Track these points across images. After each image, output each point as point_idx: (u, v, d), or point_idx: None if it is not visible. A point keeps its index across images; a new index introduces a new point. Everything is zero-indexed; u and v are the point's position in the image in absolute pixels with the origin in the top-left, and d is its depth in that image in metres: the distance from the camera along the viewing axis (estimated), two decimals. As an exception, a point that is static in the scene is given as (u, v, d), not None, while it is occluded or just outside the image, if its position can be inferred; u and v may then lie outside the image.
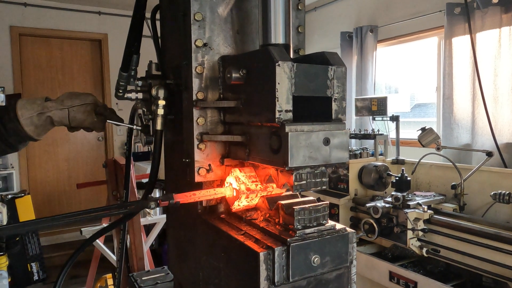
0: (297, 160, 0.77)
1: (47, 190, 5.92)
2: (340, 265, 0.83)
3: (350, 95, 5.13)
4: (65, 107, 1.11)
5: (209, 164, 0.99)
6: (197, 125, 0.97)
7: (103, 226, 3.03)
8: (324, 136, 0.80)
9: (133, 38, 1.29)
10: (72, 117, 1.12)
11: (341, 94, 0.84)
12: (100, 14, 6.06)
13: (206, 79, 0.98)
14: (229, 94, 0.97)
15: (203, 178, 0.98)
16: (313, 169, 0.81)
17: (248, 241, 0.81)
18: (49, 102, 1.12)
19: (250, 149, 0.90)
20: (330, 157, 0.81)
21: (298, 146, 0.77)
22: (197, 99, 0.97)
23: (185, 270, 1.19)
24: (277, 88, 0.76)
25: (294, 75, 0.78)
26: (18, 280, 4.34)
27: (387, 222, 2.53)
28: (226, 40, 1.00)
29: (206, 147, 0.98)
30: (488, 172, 2.66)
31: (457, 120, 3.93)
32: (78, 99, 1.13)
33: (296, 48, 1.10)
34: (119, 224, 1.71)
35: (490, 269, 2.16)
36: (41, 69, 5.88)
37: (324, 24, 5.87)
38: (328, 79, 0.83)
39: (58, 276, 1.18)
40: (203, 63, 0.98)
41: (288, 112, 0.78)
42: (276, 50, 0.78)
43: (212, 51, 0.99)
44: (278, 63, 0.76)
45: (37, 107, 1.10)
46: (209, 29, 0.98)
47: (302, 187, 0.80)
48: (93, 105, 1.15)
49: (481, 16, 3.66)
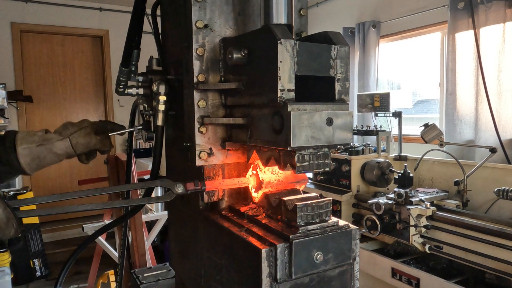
0: (299, 140, 0.75)
1: (49, 187, 5.93)
2: (343, 262, 0.83)
3: (352, 91, 5.11)
4: (65, 137, 1.10)
5: (210, 147, 0.97)
6: (198, 108, 0.95)
7: (105, 223, 3.03)
8: (327, 116, 0.79)
9: (133, 33, 1.28)
10: (75, 144, 1.11)
11: (344, 74, 0.83)
12: (101, 10, 6.04)
13: (207, 61, 0.96)
14: (231, 76, 0.95)
15: (205, 162, 0.97)
16: (316, 150, 0.80)
17: (250, 238, 0.81)
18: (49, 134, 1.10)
19: (251, 131, 0.88)
20: (333, 138, 0.80)
21: (300, 125, 0.75)
22: (198, 82, 0.95)
23: (187, 267, 1.18)
24: (279, 66, 0.75)
25: (297, 53, 0.76)
26: (20, 276, 4.36)
27: (390, 219, 2.52)
28: (227, 21, 0.99)
29: (207, 131, 0.97)
30: (492, 168, 2.64)
31: (460, 116, 3.91)
32: (74, 126, 1.13)
33: (299, 31, 1.08)
34: (122, 221, 1.71)
35: (493, 265, 2.15)
36: (43, 66, 5.88)
37: (326, 20, 5.84)
38: (331, 59, 0.81)
39: (60, 272, 1.18)
40: (204, 45, 0.96)
41: (291, 91, 0.76)
42: (278, 28, 0.77)
43: (213, 33, 0.97)
44: (281, 40, 0.74)
45: (37, 139, 1.08)
46: (210, 10, 0.96)
47: (304, 168, 0.79)
48: (90, 126, 1.15)
49: (485, 11, 3.62)
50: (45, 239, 4.87)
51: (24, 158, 1.05)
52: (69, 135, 1.10)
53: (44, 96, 5.91)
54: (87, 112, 6.26)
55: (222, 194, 1.02)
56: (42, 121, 5.91)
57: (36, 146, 1.06)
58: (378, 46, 4.95)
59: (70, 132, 1.11)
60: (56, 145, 1.08)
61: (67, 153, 1.11)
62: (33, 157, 1.06)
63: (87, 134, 1.12)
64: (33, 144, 1.06)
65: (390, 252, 2.78)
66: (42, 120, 5.92)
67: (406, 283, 2.44)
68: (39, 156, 1.07)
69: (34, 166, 1.08)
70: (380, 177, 2.93)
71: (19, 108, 5.62)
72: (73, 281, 4.27)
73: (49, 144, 1.08)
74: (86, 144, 1.13)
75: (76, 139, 1.11)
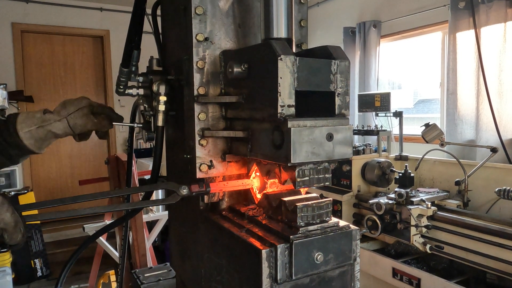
0: (299, 156, 0.75)
1: (50, 187, 5.94)
2: (344, 263, 0.82)
3: (353, 91, 5.10)
4: (62, 117, 1.11)
5: (211, 160, 0.98)
6: (198, 120, 0.96)
7: (105, 223, 3.03)
8: (327, 131, 0.79)
9: (133, 33, 1.28)
10: (73, 125, 1.12)
11: (344, 88, 0.83)
12: (102, 10, 6.05)
13: (207, 74, 0.97)
14: (231, 89, 0.95)
15: (205, 174, 0.97)
16: (316, 165, 0.80)
17: (251, 238, 0.80)
18: (47, 115, 1.11)
19: (252, 145, 0.88)
20: (334, 153, 0.80)
21: (300, 141, 0.75)
22: (199, 94, 0.95)
23: (187, 267, 1.18)
24: (279, 82, 0.75)
25: (297, 69, 0.77)
26: (22, 276, 4.37)
27: (390, 219, 2.51)
28: (227, 34, 0.99)
29: (207, 143, 0.97)
30: (493, 168, 2.64)
31: (461, 115, 3.90)
32: (72, 106, 1.13)
33: (299, 43, 1.08)
34: (123, 222, 1.71)
35: (494, 265, 2.15)
36: (43, 66, 5.88)
37: (327, 20, 5.84)
38: (331, 74, 0.81)
39: (61, 272, 1.18)
40: (204, 58, 0.96)
41: (291, 107, 0.76)
42: (278, 44, 0.77)
43: (214, 46, 0.97)
44: (281, 57, 0.74)
45: (36, 121, 1.09)
46: (210, 23, 0.96)
47: (305, 183, 0.79)
48: (88, 107, 1.15)
49: (486, 11, 3.61)
50: (46, 239, 4.88)
51: (28, 140, 1.08)
52: (66, 116, 1.11)
53: (45, 96, 5.92)
54: (88, 112, 6.26)
55: (223, 195, 1.02)
56: (43, 121, 5.92)
57: (36, 128, 1.09)
58: (379, 46, 4.94)
59: (68, 112, 1.11)
60: (55, 125, 1.10)
61: (66, 133, 1.13)
62: (36, 138, 1.09)
63: (84, 115, 1.13)
64: (33, 127, 1.08)
65: (391, 252, 2.78)
66: (43, 120, 5.92)
67: (407, 283, 2.44)
68: (40, 137, 1.10)
69: (40, 145, 1.11)
70: (381, 177, 2.93)
71: (20, 108, 5.63)
72: (74, 281, 4.27)
73: (48, 126, 1.10)
74: (84, 125, 1.13)
75: (73, 120, 1.12)
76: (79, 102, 1.15)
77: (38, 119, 1.09)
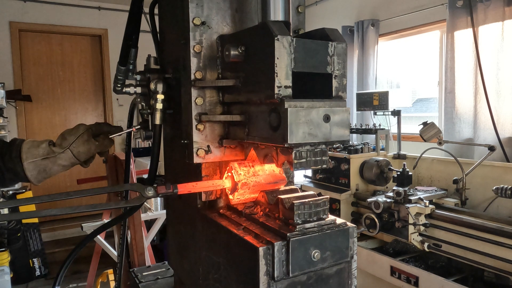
0: (296, 136, 0.75)
1: (48, 186, 5.92)
2: (341, 260, 0.82)
3: (351, 89, 5.11)
4: (65, 149, 1.11)
5: (208, 145, 0.97)
6: (195, 105, 0.95)
7: (104, 222, 3.03)
8: (324, 112, 0.78)
9: (131, 31, 1.28)
10: (77, 153, 1.13)
11: (341, 71, 0.83)
12: (100, 9, 6.03)
13: (204, 58, 0.96)
14: (228, 73, 0.95)
15: (202, 159, 0.97)
16: (313, 147, 0.80)
17: (248, 236, 0.80)
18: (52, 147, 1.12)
19: (249, 128, 0.88)
20: (331, 135, 0.80)
21: (297, 122, 0.75)
22: (196, 79, 0.95)
23: (185, 265, 1.18)
24: (276, 63, 0.74)
25: (294, 50, 0.76)
26: (20, 275, 4.36)
27: (389, 217, 2.52)
28: (224, 18, 0.98)
29: (204, 128, 0.96)
30: (490, 167, 2.65)
31: (459, 114, 3.91)
32: (71, 135, 1.14)
33: (296, 29, 1.08)
34: (120, 220, 1.71)
35: (492, 263, 2.15)
36: (41, 65, 5.87)
37: (325, 18, 5.83)
38: (329, 55, 0.81)
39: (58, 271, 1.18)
40: (201, 42, 0.95)
41: (288, 88, 0.76)
42: (275, 24, 0.77)
43: (211, 30, 0.97)
44: (277, 37, 0.74)
45: (42, 151, 1.10)
46: (207, 7, 0.96)
47: (302, 165, 0.79)
48: (87, 132, 1.16)
49: (483, 9, 3.62)
50: (44, 238, 4.87)
51: (31, 172, 1.09)
52: (69, 146, 1.12)
53: (43, 96, 5.90)
54: (86, 111, 6.26)
55: (220, 193, 1.02)
56: (41, 120, 5.91)
57: (42, 160, 1.09)
58: (377, 44, 4.94)
59: (69, 143, 1.12)
60: (60, 157, 1.11)
61: (72, 163, 1.14)
62: (39, 170, 1.10)
63: (85, 141, 1.14)
64: (38, 158, 1.09)
65: (389, 251, 2.79)
66: (41, 119, 5.91)
67: (405, 281, 2.45)
68: (45, 169, 1.10)
69: (41, 178, 1.12)
70: (379, 176, 2.93)
71: (18, 107, 5.62)
72: (72, 280, 4.27)
73: (53, 157, 1.11)
74: (87, 151, 1.15)
75: (76, 149, 1.13)
76: (77, 130, 1.16)
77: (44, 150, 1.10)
